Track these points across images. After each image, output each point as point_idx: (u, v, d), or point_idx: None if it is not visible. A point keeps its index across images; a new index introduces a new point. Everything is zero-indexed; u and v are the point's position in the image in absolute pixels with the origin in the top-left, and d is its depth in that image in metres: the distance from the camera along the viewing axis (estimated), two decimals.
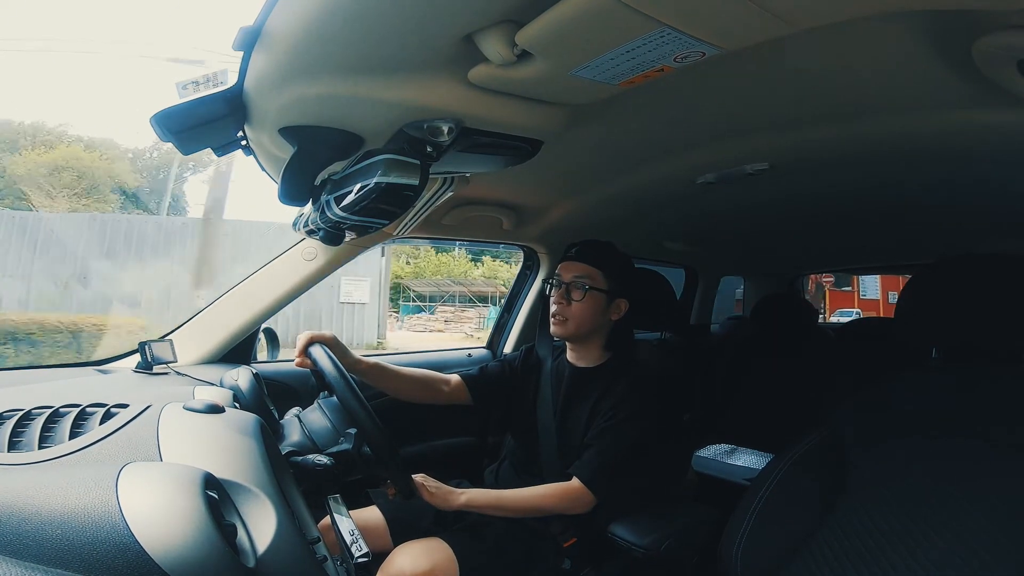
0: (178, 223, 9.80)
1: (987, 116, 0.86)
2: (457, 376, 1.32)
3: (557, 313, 1.22)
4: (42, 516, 0.50)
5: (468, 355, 1.88)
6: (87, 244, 7.58)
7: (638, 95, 0.78)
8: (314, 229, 0.99)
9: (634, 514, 1.17)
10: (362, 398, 0.93)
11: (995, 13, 0.60)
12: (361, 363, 1.17)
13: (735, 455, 2.05)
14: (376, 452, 0.93)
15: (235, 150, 0.93)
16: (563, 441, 1.23)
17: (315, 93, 0.75)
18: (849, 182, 1.28)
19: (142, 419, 0.69)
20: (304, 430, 0.99)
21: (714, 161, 1.17)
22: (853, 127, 0.97)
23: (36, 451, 0.62)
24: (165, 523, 0.52)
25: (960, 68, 0.72)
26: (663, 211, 1.60)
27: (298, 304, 1.96)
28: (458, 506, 1.09)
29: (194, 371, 1.25)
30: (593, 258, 1.23)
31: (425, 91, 0.76)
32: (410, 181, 0.81)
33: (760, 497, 0.95)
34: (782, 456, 0.99)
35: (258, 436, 0.73)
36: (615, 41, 0.62)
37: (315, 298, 7.81)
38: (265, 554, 0.59)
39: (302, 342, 1.05)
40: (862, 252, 2.38)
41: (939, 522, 0.82)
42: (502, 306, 2.01)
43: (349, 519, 0.87)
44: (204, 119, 0.78)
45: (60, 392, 0.95)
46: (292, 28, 0.64)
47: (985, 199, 1.34)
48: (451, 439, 1.68)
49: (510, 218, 1.54)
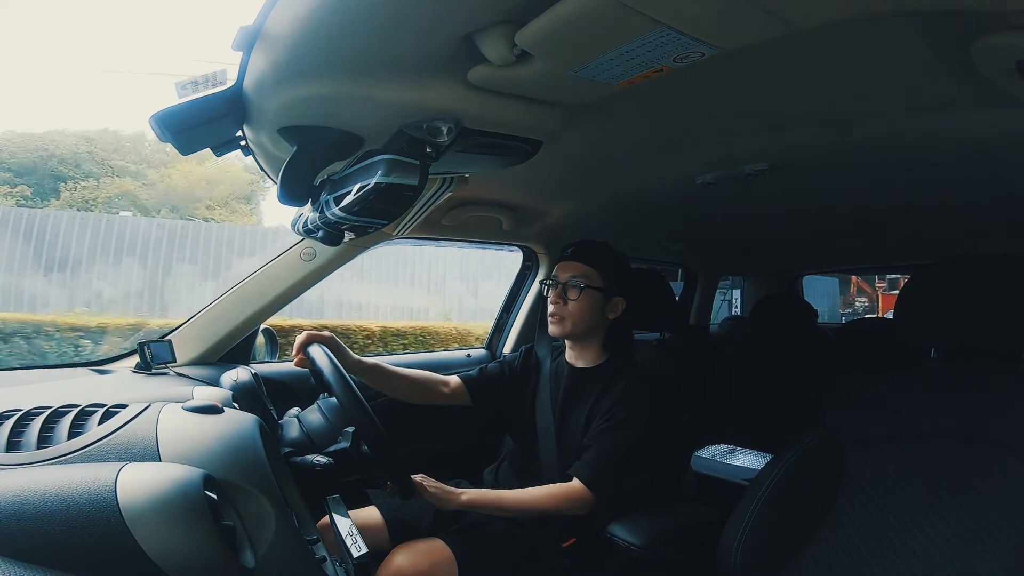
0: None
1: (986, 116, 0.86)
2: (456, 378, 1.32)
3: (555, 313, 1.23)
4: (41, 516, 0.50)
5: (467, 355, 1.88)
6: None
7: (637, 95, 0.78)
8: (313, 229, 0.99)
9: (633, 514, 1.17)
10: (360, 396, 0.93)
11: (994, 13, 0.60)
12: (360, 363, 1.17)
13: (734, 455, 2.05)
14: (375, 451, 0.93)
15: (234, 150, 0.93)
16: (562, 441, 1.23)
17: (314, 93, 0.75)
18: (848, 182, 1.28)
19: (141, 419, 0.69)
20: (303, 430, 0.98)
21: (713, 161, 1.17)
22: (852, 127, 0.97)
23: (35, 451, 0.62)
24: (164, 523, 0.52)
25: (959, 68, 0.72)
26: (662, 211, 1.61)
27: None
28: (458, 506, 1.09)
29: (193, 371, 1.25)
30: (589, 257, 1.24)
31: (424, 91, 0.76)
32: (409, 181, 0.81)
33: (759, 497, 0.95)
34: (781, 456, 0.99)
35: (257, 436, 0.73)
36: (614, 41, 0.62)
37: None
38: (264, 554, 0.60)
39: (300, 342, 1.05)
40: (862, 252, 2.38)
41: (938, 522, 0.82)
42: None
43: (348, 519, 0.87)
44: (204, 119, 0.78)
45: (59, 392, 0.95)
46: (291, 28, 0.64)
47: (985, 199, 1.34)
48: (450, 439, 1.68)
49: (509, 218, 1.54)
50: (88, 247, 6.85)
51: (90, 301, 6.50)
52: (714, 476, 1.89)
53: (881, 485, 0.90)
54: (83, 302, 6.37)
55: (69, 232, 6.88)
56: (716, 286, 2.68)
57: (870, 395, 1.00)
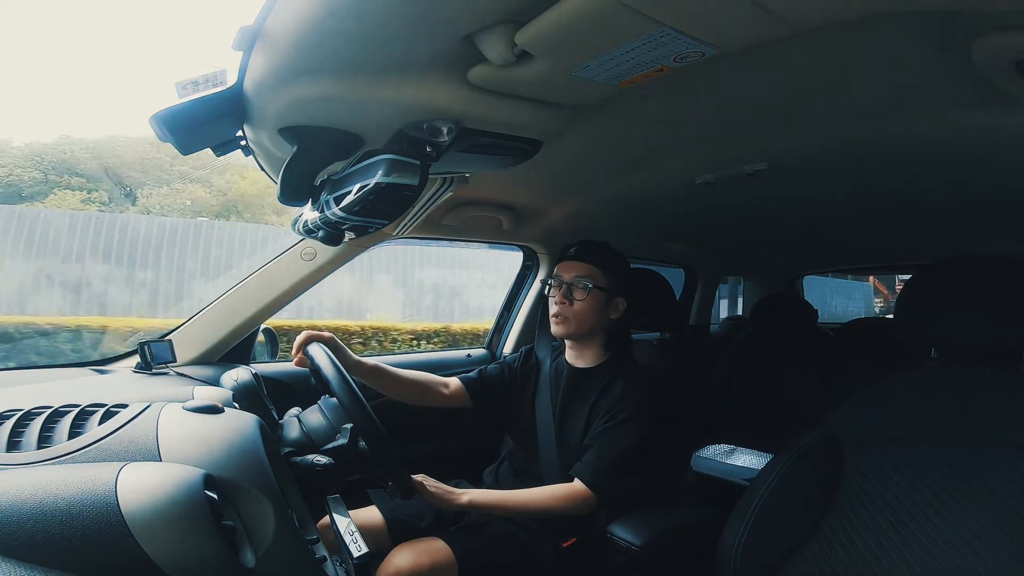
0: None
1: (986, 117, 0.86)
2: (456, 380, 1.32)
3: (559, 313, 1.22)
4: (41, 516, 0.50)
5: (467, 355, 1.88)
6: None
7: (637, 95, 0.79)
8: (314, 229, 0.99)
9: (633, 514, 1.17)
10: (360, 396, 0.93)
11: (994, 14, 0.60)
12: (360, 364, 1.16)
13: (734, 455, 2.05)
14: (374, 450, 0.93)
15: (235, 150, 0.93)
16: (562, 442, 1.23)
17: (315, 93, 0.75)
18: (848, 182, 1.28)
19: (141, 419, 0.69)
20: (303, 430, 0.98)
21: (713, 161, 1.17)
22: (852, 127, 0.97)
23: (35, 451, 0.62)
24: (164, 523, 0.52)
25: (959, 69, 0.72)
26: (662, 211, 1.61)
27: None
28: (459, 506, 1.09)
29: (193, 371, 1.25)
30: (593, 257, 1.24)
31: (425, 91, 0.76)
32: (410, 181, 0.81)
33: (759, 497, 0.95)
34: (781, 456, 0.99)
35: (257, 436, 0.73)
36: (615, 41, 0.62)
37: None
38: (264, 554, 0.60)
39: (300, 341, 1.05)
40: (861, 252, 2.38)
41: (938, 522, 0.82)
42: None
43: (348, 519, 0.87)
44: (204, 119, 0.78)
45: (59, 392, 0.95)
46: (292, 28, 0.64)
47: (984, 199, 1.34)
48: (450, 439, 1.68)
49: (510, 218, 1.54)
50: (206, 255, 6.70)
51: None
52: (714, 476, 1.89)
53: (881, 485, 0.90)
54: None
55: (173, 239, 6.70)
56: (716, 286, 2.68)
57: (870, 395, 1.00)
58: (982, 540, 0.78)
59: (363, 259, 1.65)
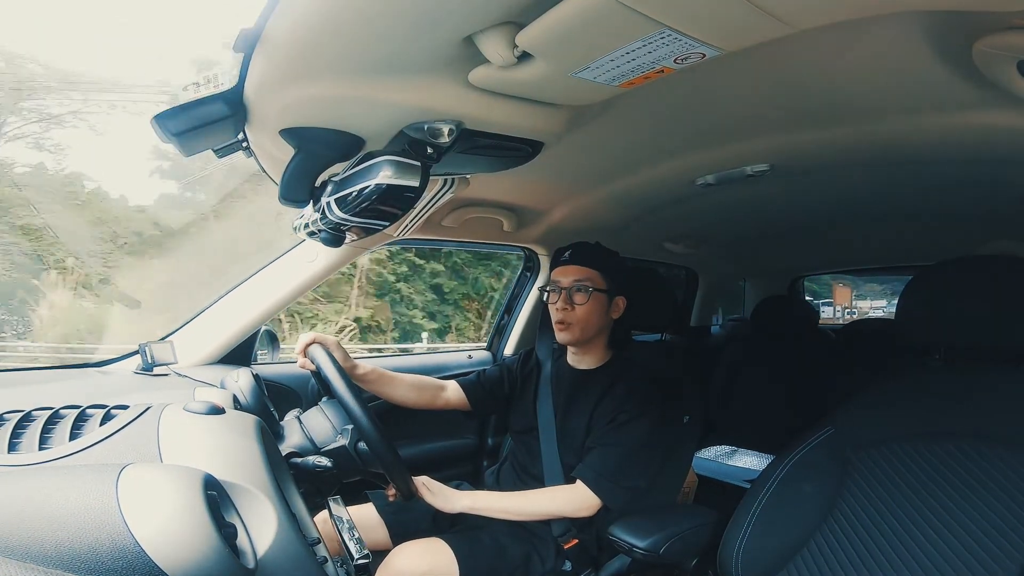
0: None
1: (987, 117, 0.86)
2: (455, 383, 1.33)
3: (563, 320, 1.20)
4: (42, 517, 0.50)
5: (468, 356, 1.88)
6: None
7: (638, 96, 0.78)
8: (315, 231, 0.99)
9: (634, 516, 1.17)
10: (361, 398, 0.93)
11: (995, 14, 0.60)
12: (360, 367, 1.17)
13: (735, 457, 2.05)
14: (375, 453, 0.93)
15: (236, 151, 0.93)
16: (564, 443, 1.23)
17: (316, 95, 0.75)
18: (849, 183, 1.28)
19: (142, 420, 0.69)
20: (304, 431, 0.98)
21: (714, 162, 1.17)
22: (853, 128, 0.97)
23: (36, 452, 0.62)
24: (165, 524, 0.51)
25: (960, 69, 0.72)
26: (664, 212, 1.60)
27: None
28: (460, 508, 1.09)
29: (194, 372, 1.25)
30: (589, 259, 1.23)
31: (426, 92, 0.76)
32: (411, 182, 0.81)
33: (760, 499, 0.95)
34: (782, 458, 0.99)
35: (258, 437, 0.73)
36: (615, 43, 0.62)
37: None
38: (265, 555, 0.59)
39: (304, 343, 1.05)
40: (862, 253, 2.38)
41: (939, 522, 0.82)
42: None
43: (349, 520, 0.87)
44: (205, 120, 0.78)
45: (60, 393, 0.95)
46: (293, 30, 0.64)
47: (985, 200, 1.34)
48: (451, 441, 1.68)
49: (511, 220, 1.54)
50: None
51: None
52: (715, 478, 1.89)
53: (882, 485, 0.90)
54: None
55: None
56: (717, 287, 2.68)
57: (871, 396, 1.00)
58: (984, 540, 0.78)
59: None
